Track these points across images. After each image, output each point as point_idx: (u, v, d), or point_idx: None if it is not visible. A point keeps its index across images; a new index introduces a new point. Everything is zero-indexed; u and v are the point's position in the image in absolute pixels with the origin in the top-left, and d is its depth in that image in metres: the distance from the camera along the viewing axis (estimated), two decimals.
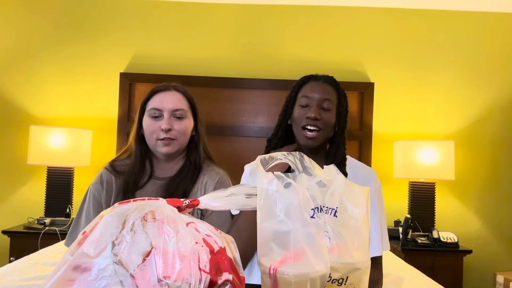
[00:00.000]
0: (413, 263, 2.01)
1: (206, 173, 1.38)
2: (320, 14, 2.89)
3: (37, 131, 2.51)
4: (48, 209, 2.58)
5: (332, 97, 1.20)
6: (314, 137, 1.16)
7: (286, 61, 2.86)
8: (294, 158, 0.78)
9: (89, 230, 0.59)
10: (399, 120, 2.85)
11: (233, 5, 2.88)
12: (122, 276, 0.54)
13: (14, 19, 2.85)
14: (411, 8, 2.88)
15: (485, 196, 2.81)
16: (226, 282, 0.59)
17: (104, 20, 2.87)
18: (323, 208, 0.73)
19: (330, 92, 1.20)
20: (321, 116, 1.16)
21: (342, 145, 1.21)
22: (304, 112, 1.18)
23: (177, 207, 0.66)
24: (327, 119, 1.17)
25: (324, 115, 1.17)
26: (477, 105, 2.84)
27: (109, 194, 1.35)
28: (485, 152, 2.82)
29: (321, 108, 1.18)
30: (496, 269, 2.75)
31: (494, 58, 2.86)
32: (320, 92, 1.19)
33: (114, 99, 2.80)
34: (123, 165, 1.39)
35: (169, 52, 2.87)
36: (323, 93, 1.19)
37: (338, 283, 0.69)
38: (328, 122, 1.18)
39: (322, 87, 1.20)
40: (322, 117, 1.16)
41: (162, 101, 1.33)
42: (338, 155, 1.19)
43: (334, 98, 1.20)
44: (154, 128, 1.31)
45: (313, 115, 1.15)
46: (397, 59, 2.87)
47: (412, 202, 2.62)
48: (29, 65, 2.84)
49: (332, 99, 1.19)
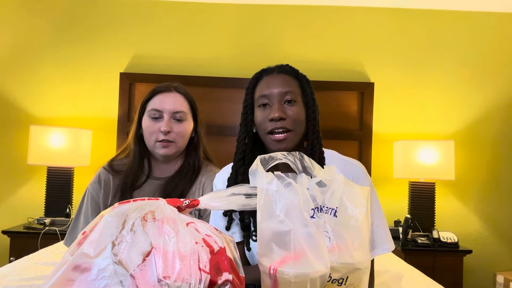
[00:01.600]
0: (413, 263, 2.01)
1: (204, 174, 1.37)
2: (320, 14, 2.89)
3: (37, 131, 2.51)
4: (48, 209, 2.58)
5: (293, 88, 1.03)
6: (284, 138, 1.00)
7: (286, 61, 2.82)
8: (294, 158, 0.78)
9: (89, 230, 0.59)
10: (399, 120, 2.85)
11: (233, 5, 2.88)
12: (122, 276, 0.54)
13: (14, 19, 2.85)
14: (411, 8, 2.88)
15: (485, 196, 2.81)
16: (226, 282, 0.59)
17: (104, 20, 2.87)
18: (323, 208, 0.73)
19: (290, 82, 1.04)
20: (286, 114, 1.00)
21: (316, 141, 1.04)
22: (266, 114, 1.01)
23: (177, 207, 0.66)
24: (294, 115, 1.01)
25: (289, 111, 1.01)
26: (477, 105, 2.84)
27: (107, 193, 1.35)
28: (485, 152, 2.82)
29: (283, 104, 1.02)
30: (496, 269, 2.75)
31: (494, 58, 2.85)
32: (278, 85, 1.02)
33: (114, 99, 2.80)
34: (121, 165, 1.39)
35: (169, 52, 2.87)
36: (281, 86, 1.02)
37: (338, 283, 0.69)
38: (297, 119, 1.01)
39: (279, 79, 1.04)
40: (288, 115, 1.00)
41: (162, 102, 1.32)
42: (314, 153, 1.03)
43: (295, 88, 1.04)
44: (154, 129, 1.31)
45: (277, 115, 0.98)
46: (397, 59, 2.87)
47: (412, 202, 2.62)
48: (29, 65, 2.83)
49: (294, 90, 1.03)
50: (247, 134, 1.07)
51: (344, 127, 2.76)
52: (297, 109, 1.02)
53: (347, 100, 2.79)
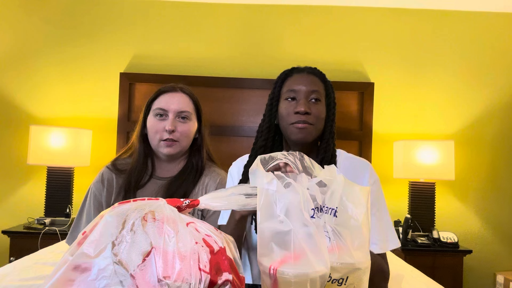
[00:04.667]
0: (413, 263, 2.01)
1: (208, 174, 1.38)
2: (320, 14, 2.89)
3: (37, 131, 2.51)
4: (48, 209, 2.58)
5: (319, 88, 1.12)
6: (305, 127, 1.07)
7: (286, 61, 2.86)
8: (294, 158, 0.78)
9: (89, 230, 0.59)
10: (399, 120, 2.85)
11: (233, 5, 2.88)
12: (122, 276, 0.54)
13: (14, 19, 2.85)
14: (411, 8, 2.88)
15: (485, 196, 2.81)
16: (226, 282, 0.59)
17: (104, 20, 2.87)
18: (323, 208, 0.73)
19: (317, 83, 1.12)
20: (311, 110, 1.07)
21: (331, 140, 1.13)
22: (292, 107, 1.09)
23: (177, 207, 0.66)
24: (317, 112, 1.09)
25: (313, 108, 1.08)
26: (477, 105, 2.84)
27: (110, 193, 1.35)
28: (485, 152, 2.82)
29: (309, 101, 1.09)
30: (496, 269, 2.75)
31: (494, 58, 2.85)
32: (307, 84, 1.10)
33: (114, 99, 2.80)
34: (124, 164, 1.39)
35: (169, 52, 2.87)
36: (310, 85, 1.10)
37: (338, 283, 0.69)
38: (319, 116, 1.09)
39: (308, 78, 1.12)
40: (312, 111, 1.08)
41: (168, 102, 1.33)
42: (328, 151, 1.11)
43: (321, 89, 1.13)
44: (158, 128, 1.32)
45: (303, 109, 1.06)
46: (397, 59, 2.87)
47: (412, 202, 2.62)
48: (29, 65, 2.84)
49: (320, 90, 1.11)
50: (271, 123, 1.15)
51: (344, 127, 2.76)
52: (321, 107, 1.11)
53: (347, 100, 2.79)
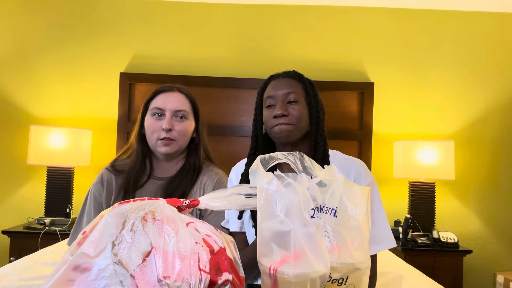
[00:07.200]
0: (413, 263, 2.01)
1: (205, 174, 1.39)
2: (320, 14, 2.89)
3: (37, 131, 2.51)
4: (48, 209, 2.58)
5: (296, 89, 1.13)
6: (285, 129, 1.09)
7: (286, 61, 2.86)
8: (294, 158, 0.78)
9: (89, 230, 0.59)
10: (399, 120, 2.85)
11: (233, 5, 2.88)
12: (122, 276, 0.54)
13: (14, 19, 2.85)
14: (411, 8, 2.88)
15: (485, 196, 2.81)
16: (226, 282, 0.59)
17: (104, 20, 2.87)
18: (323, 208, 0.73)
19: (293, 84, 1.14)
20: (288, 112, 1.10)
21: (320, 138, 1.13)
22: (271, 112, 1.12)
23: (177, 207, 0.66)
24: (295, 112, 1.10)
25: (291, 109, 1.10)
26: (477, 105, 2.84)
27: (109, 193, 1.36)
28: (485, 152, 2.82)
29: (287, 103, 1.12)
30: (496, 269, 2.75)
31: (494, 58, 2.85)
32: (282, 87, 1.13)
33: (114, 99, 2.80)
34: (123, 165, 1.40)
35: (169, 52, 2.87)
36: (285, 88, 1.13)
37: (338, 283, 0.69)
38: (298, 115, 1.10)
39: (283, 82, 1.15)
40: (290, 112, 1.10)
41: (165, 101, 1.34)
42: (318, 150, 1.11)
43: (299, 89, 1.14)
44: (156, 127, 1.33)
45: (280, 112, 1.09)
46: (397, 59, 2.87)
47: (412, 202, 2.62)
48: (29, 65, 2.83)
49: (297, 91, 1.13)
50: (257, 132, 1.19)
51: (344, 127, 2.76)
52: (299, 107, 1.12)
53: (347, 100, 2.79)
